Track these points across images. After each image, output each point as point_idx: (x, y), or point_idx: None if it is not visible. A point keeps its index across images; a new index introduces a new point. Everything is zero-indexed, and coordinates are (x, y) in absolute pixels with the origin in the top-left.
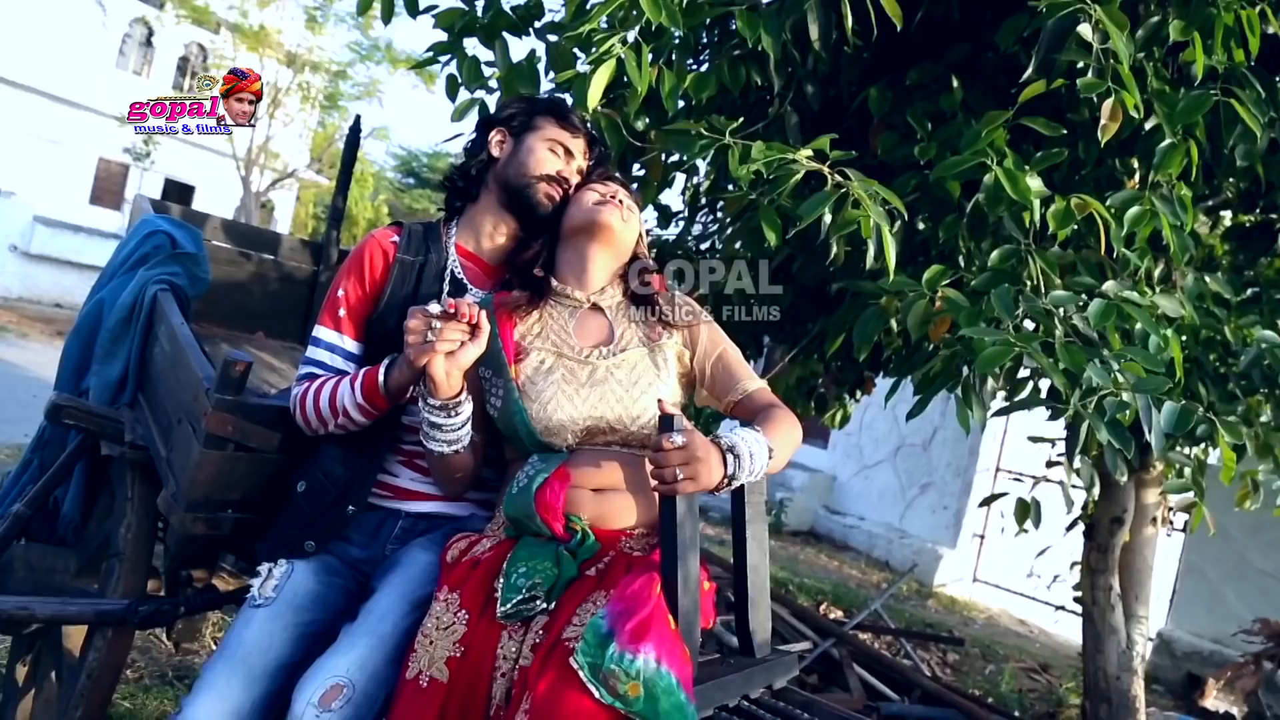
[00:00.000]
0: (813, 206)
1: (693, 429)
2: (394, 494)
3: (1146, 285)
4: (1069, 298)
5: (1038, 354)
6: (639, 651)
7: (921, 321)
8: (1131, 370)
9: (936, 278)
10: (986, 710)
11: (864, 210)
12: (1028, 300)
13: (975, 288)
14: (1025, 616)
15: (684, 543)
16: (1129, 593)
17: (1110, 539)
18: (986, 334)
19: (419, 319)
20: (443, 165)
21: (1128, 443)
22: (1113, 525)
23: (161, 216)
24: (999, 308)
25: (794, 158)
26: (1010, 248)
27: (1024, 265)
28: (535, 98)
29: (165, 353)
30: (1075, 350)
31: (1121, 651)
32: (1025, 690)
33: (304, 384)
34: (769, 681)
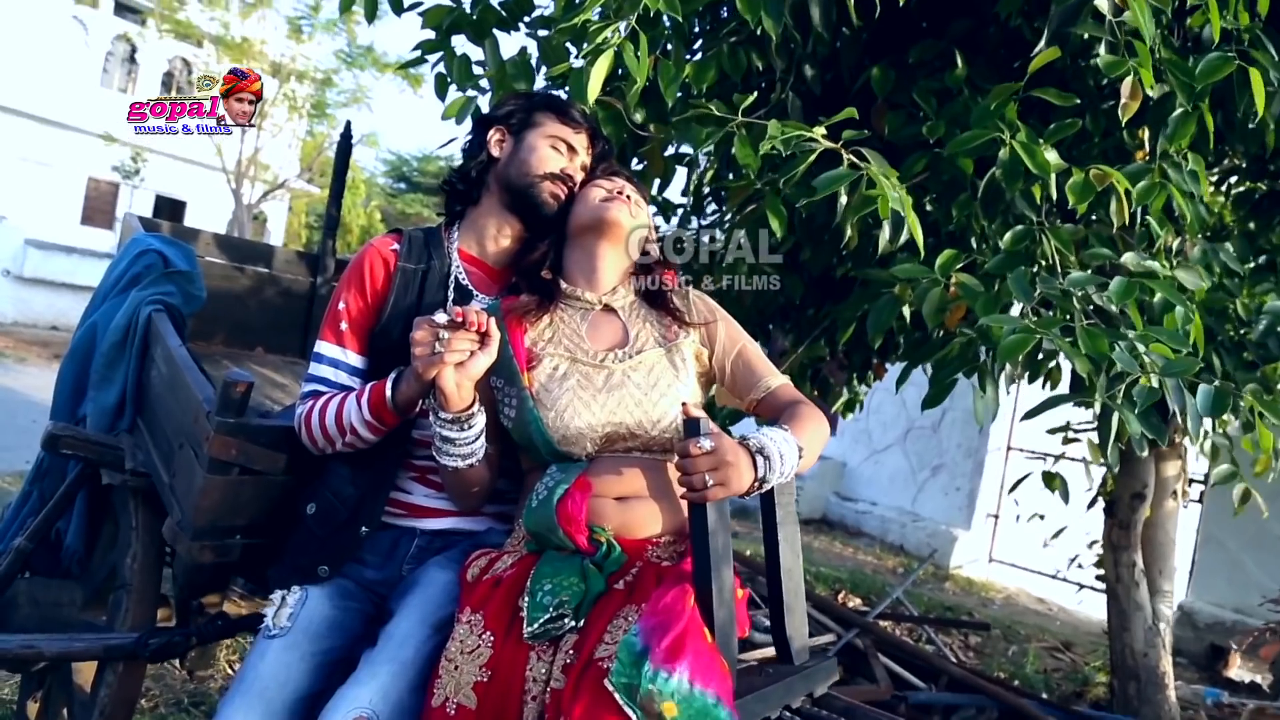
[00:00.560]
0: (829, 182)
1: (720, 432)
2: (408, 511)
3: (1165, 258)
4: (1087, 278)
5: (1059, 340)
6: (675, 670)
7: (937, 310)
8: (1158, 351)
9: (949, 263)
10: (1015, 694)
11: (880, 190)
12: (1044, 282)
13: (989, 270)
14: (1044, 594)
15: (717, 552)
16: (1152, 568)
17: (1132, 515)
18: (1005, 321)
19: (425, 330)
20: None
21: (1161, 432)
22: (1134, 501)
23: (152, 235)
24: (1016, 292)
25: (812, 135)
26: (1023, 228)
27: (1037, 244)
28: (533, 93)
29: (163, 375)
30: (1097, 334)
31: (1148, 628)
32: (1050, 670)
33: (308, 402)
34: (810, 689)
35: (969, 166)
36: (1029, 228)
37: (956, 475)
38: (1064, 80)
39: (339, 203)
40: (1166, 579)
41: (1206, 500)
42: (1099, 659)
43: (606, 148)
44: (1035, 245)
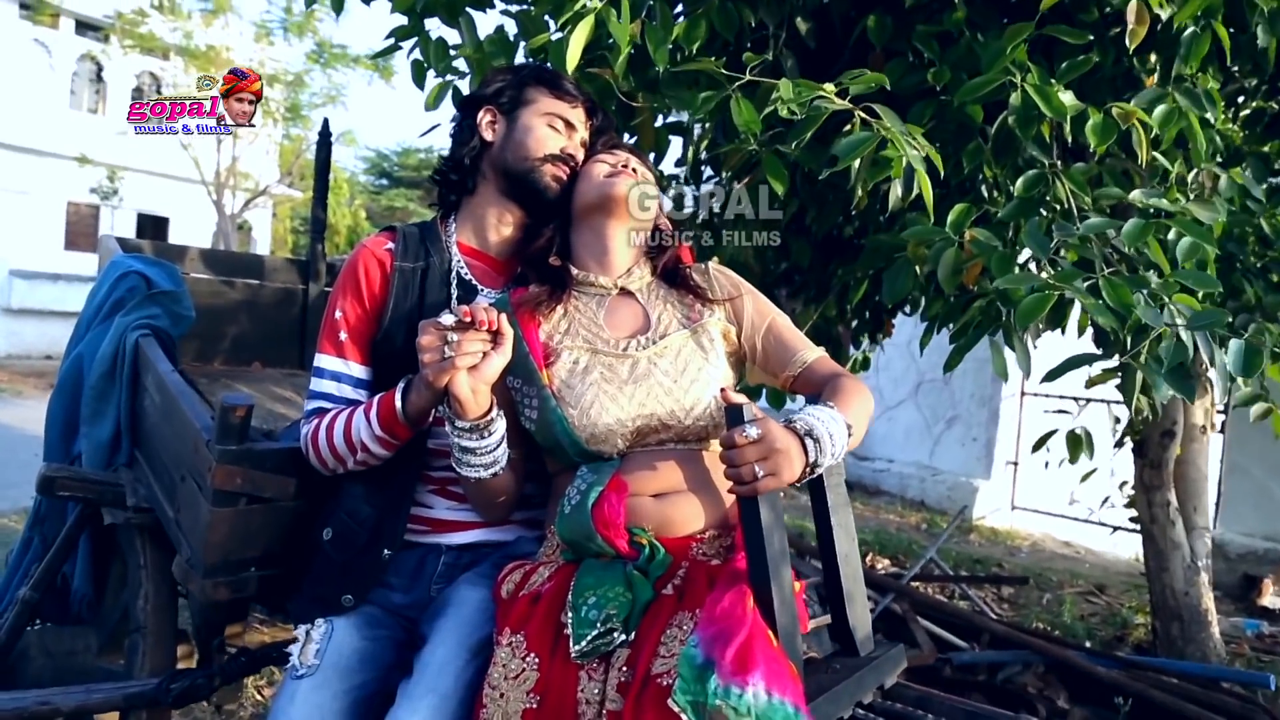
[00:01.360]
0: (850, 149)
1: (765, 417)
2: (431, 527)
3: (1178, 191)
4: (1104, 222)
5: (1081, 294)
6: (747, 683)
7: (953, 272)
8: (1184, 302)
9: (961, 218)
10: (1059, 646)
11: (895, 148)
12: (1061, 228)
13: (1003, 219)
14: (1069, 537)
15: (773, 548)
16: (1186, 505)
17: (1163, 454)
18: (1022, 280)
19: (432, 334)
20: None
21: (1191, 391)
22: (1164, 439)
23: (132, 256)
24: (1033, 245)
25: (826, 94)
26: (1035, 172)
27: (1051, 187)
28: (521, 66)
29: (156, 404)
30: (1120, 285)
31: (1187, 566)
32: (1087, 615)
33: (313, 420)
34: (880, 681)
35: (979, 114)
36: (1041, 171)
37: (972, 425)
38: (1069, 14)
39: (324, 204)
40: (1201, 515)
41: (1229, 428)
42: (1135, 600)
43: (605, 120)
44: (1049, 189)
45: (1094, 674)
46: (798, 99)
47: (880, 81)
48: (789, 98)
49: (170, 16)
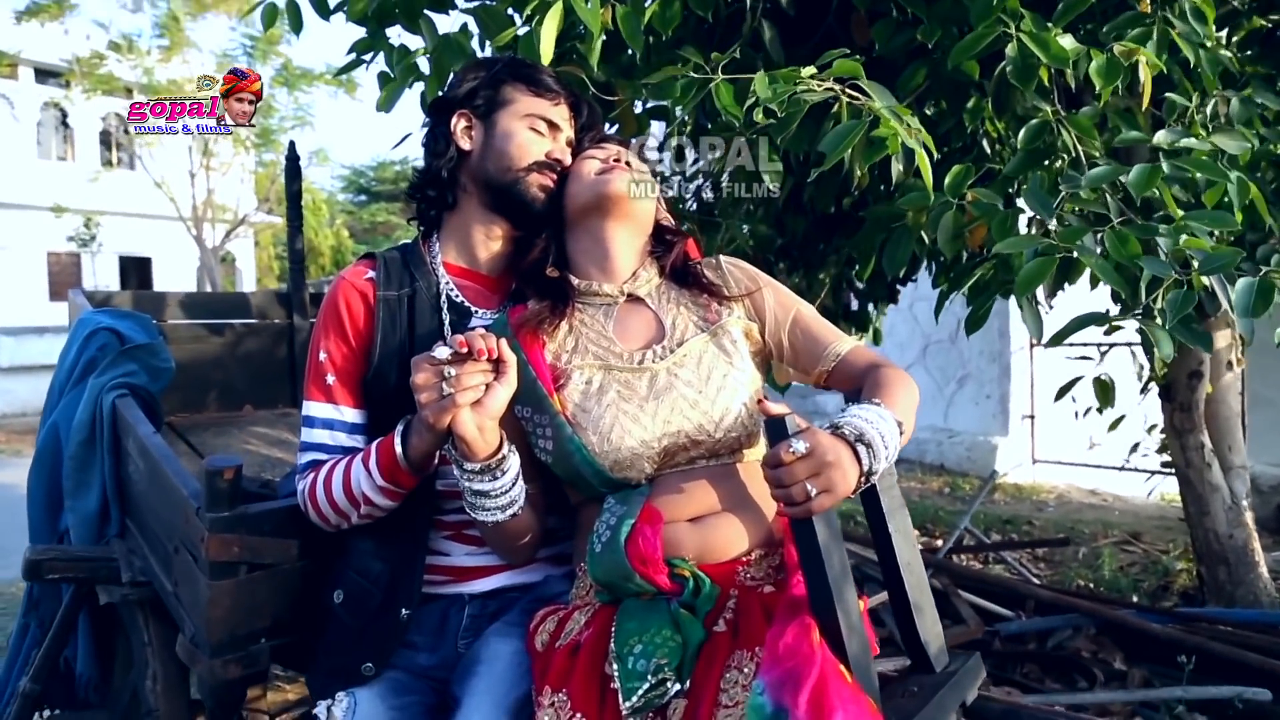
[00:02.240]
0: (836, 141)
1: (811, 427)
2: (450, 576)
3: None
4: (1110, 171)
5: (1086, 255)
6: None
7: (954, 236)
8: (1195, 246)
9: (959, 180)
10: (1108, 605)
11: (888, 127)
12: (1068, 180)
13: (1009, 174)
14: (1094, 486)
15: (834, 571)
16: (1220, 445)
17: (1192, 395)
18: (1023, 244)
19: (426, 370)
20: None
21: (1204, 339)
22: (1191, 381)
23: (101, 311)
24: (1034, 205)
25: (804, 85)
26: (1039, 122)
27: (1056, 136)
28: (494, 60)
29: (141, 470)
30: (1127, 236)
31: (1228, 508)
32: (1127, 567)
33: (308, 475)
34: (961, 699)
35: (974, 69)
36: (1045, 120)
37: (984, 382)
38: None
39: (299, 229)
40: (1237, 454)
41: (1249, 359)
42: (1173, 545)
43: (591, 114)
44: (1055, 138)
45: (1149, 631)
46: (775, 96)
47: (855, 72)
48: (766, 96)
49: (128, 56)
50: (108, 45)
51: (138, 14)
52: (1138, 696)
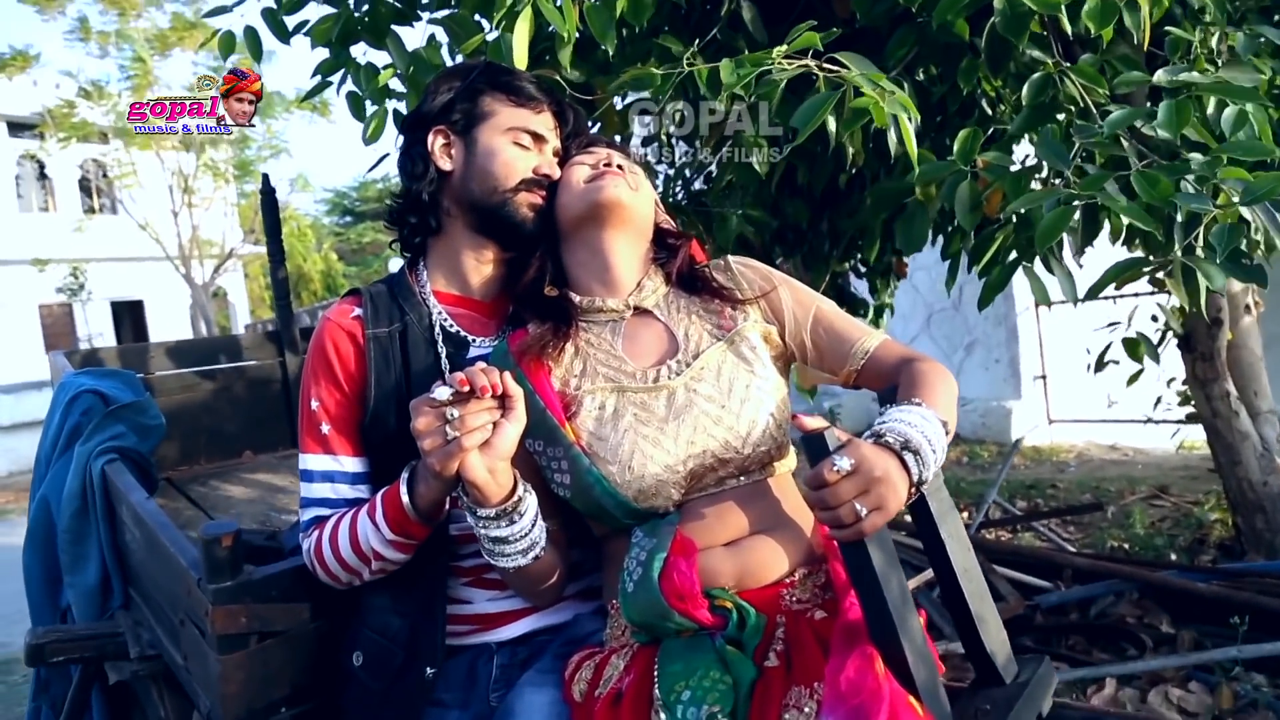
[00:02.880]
0: (808, 114)
1: (853, 439)
2: (474, 625)
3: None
4: (1132, 114)
5: (1111, 198)
6: None
7: (972, 206)
8: (1234, 176)
9: (969, 145)
10: (1148, 568)
11: (869, 98)
12: (1082, 130)
13: (1015, 134)
14: (1113, 441)
15: (894, 595)
16: (1246, 391)
17: (1213, 344)
18: (1040, 197)
19: (427, 414)
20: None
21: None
22: (1212, 329)
23: (83, 372)
24: (1048, 157)
25: (771, 65)
26: (1041, 75)
27: (1059, 88)
28: (468, 68)
29: (138, 539)
30: (1157, 177)
31: (1260, 455)
32: (1158, 523)
33: (313, 533)
34: (1037, 711)
35: (964, 29)
36: (1047, 73)
37: (992, 347)
38: None
39: (282, 262)
40: (1263, 398)
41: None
42: (1204, 496)
43: (577, 120)
44: (1059, 90)
45: (1194, 592)
46: (742, 79)
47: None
48: (731, 81)
49: (99, 101)
50: (77, 93)
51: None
52: (1191, 660)
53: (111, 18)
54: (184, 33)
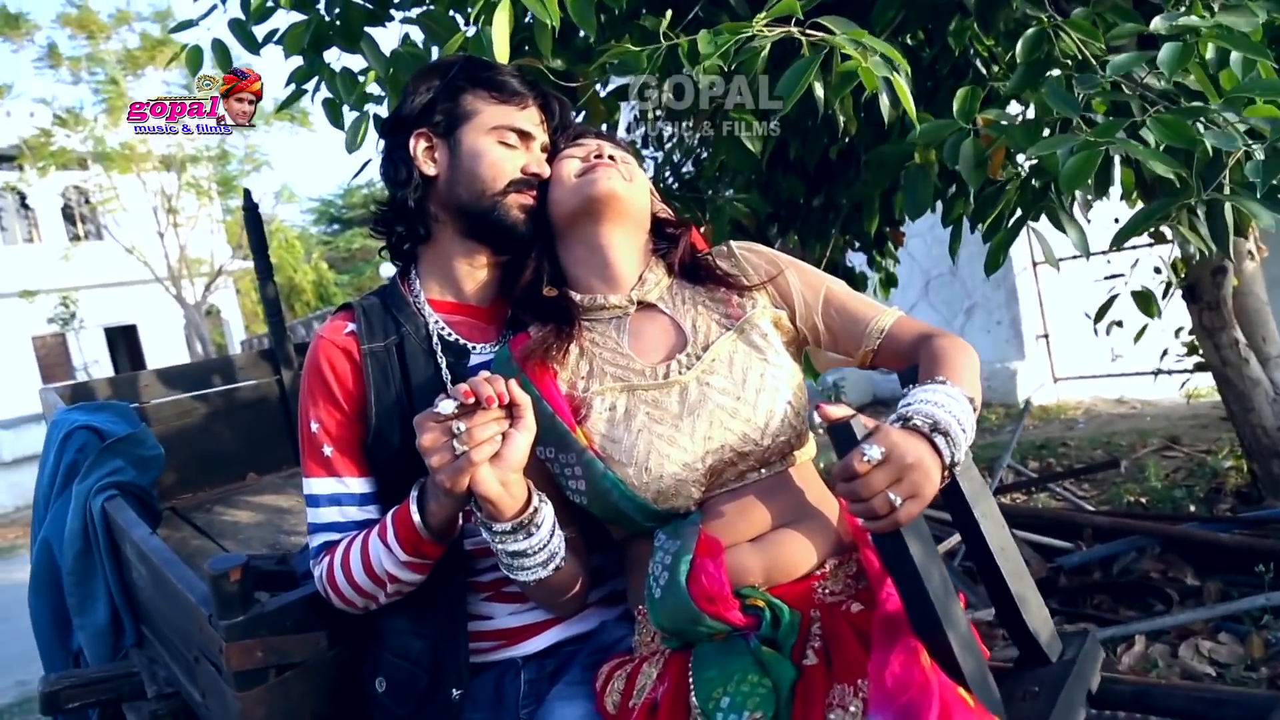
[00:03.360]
0: (793, 81)
1: (881, 426)
2: (498, 641)
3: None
4: (1133, 58)
5: (1130, 145)
6: None
7: (977, 164)
8: (1263, 114)
9: (968, 104)
10: (1167, 522)
11: (855, 60)
12: (1083, 81)
13: (1011, 93)
14: (1119, 394)
15: (935, 585)
16: (1254, 337)
17: (1218, 293)
18: (1058, 144)
19: (433, 430)
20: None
21: None
22: (1216, 278)
23: (75, 408)
24: (1059, 105)
25: (751, 33)
26: (1035, 30)
27: (1054, 42)
28: (446, 64)
29: (144, 575)
30: (1174, 121)
31: (1273, 400)
32: (1173, 474)
33: (323, 559)
34: (1087, 688)
35: None
36: (1041, 28)
37: (992, 309)
38: None
39: (270, 278)
40: (1272, 344)
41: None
42: (1217, 444)
43: (563, 112)
44: (1053, 45)
45: (1217, 543)
46: (720, 48)
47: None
48: (709, 51)
49: (75, 127)
50: (53, 121)
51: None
52: (1219, 611)
53: (81, 42)
54: (154, 51)
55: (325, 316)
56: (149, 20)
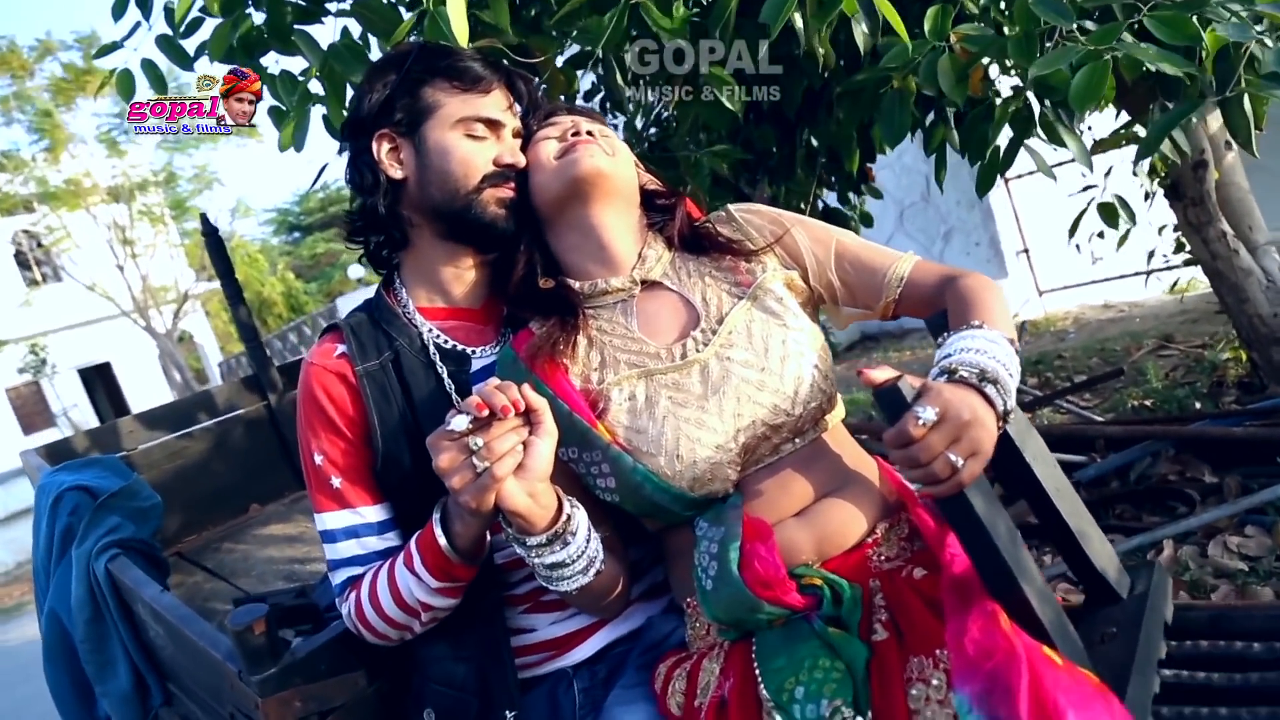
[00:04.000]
0: (775, 8)
1: (928, 383)
2: (545, 653)
3: None
4: None
5: (1139, 50)
6: None
7: (958, 80)
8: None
9: (939, 22)
10: (1177, 424)
11: None
12: None
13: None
14: (1105, 299)
15: (1004, 540)
16: (1240, 227)
17: (1201, 187)
18: (1061, 58)
19: (448, 449)
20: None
21: None
22: (1198, 173)
23: (60, 469)
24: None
25: None
26: None
27: None
28: (401, 55)
29: (162, 635)
30: (1176, 17)
31: (1266, 288)
32: (1172, 373)
33: (349, 596)
34: (1163, 619)
35: None
36: None
37: (969, 231)
38: None
39: (241, 301)
40: (1259, 231)
41: None
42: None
43: (531, 93)
44: None
45: (1230, 438)
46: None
47: None
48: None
49: (15, 170)
50: None
51: None
52: (1242, 505)
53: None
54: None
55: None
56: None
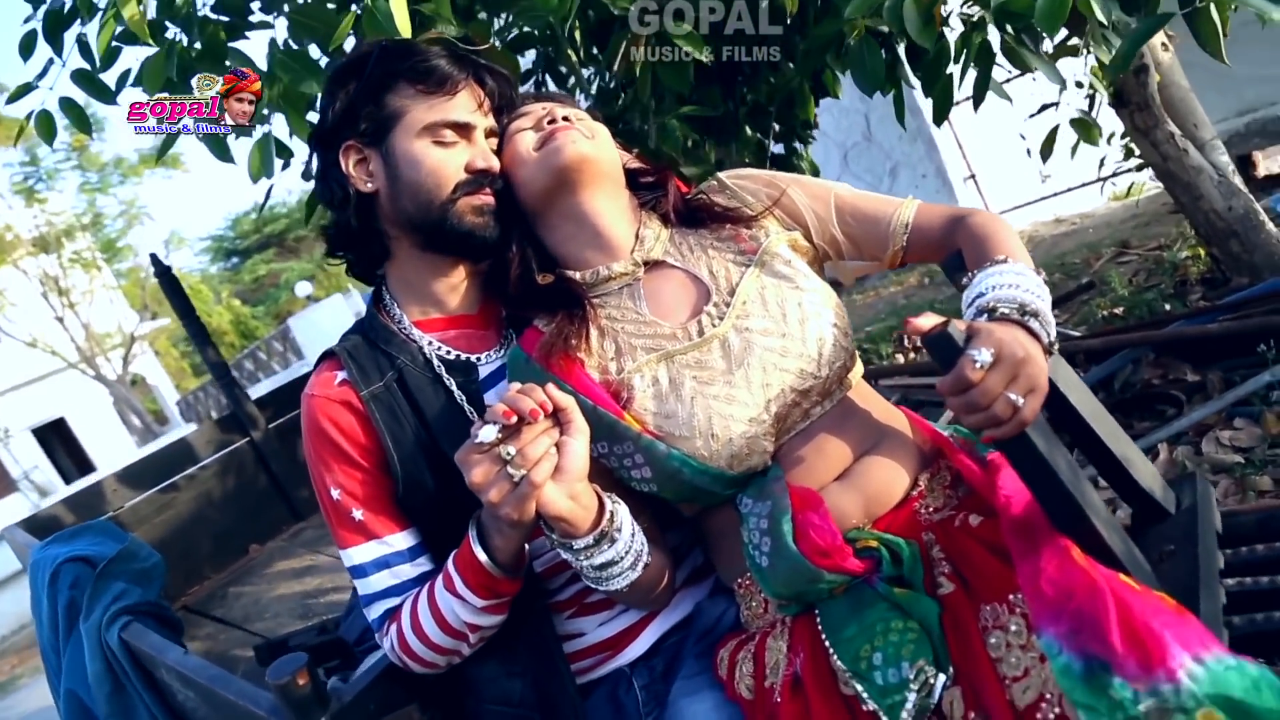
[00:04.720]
0: None
1: (976, 325)
2: (597, 655)
3: None
4: None
5: None
6: (1176, 672)
7: (925, 21)
8: None
9: None
10: (1153, 328)
11: None
12: None
13: None
14: (1056, 214)
15: (1067, 474)
16: (1185, 126)
17: (1145, 91)
18: None
19: (480, 463)
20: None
21: None
22: (1140, 76)
23: (51, 542)
24: None
25: None
26: None
27: None
28: (360, 60)
29: (193, 698)
30: None
31: (1218, 182)
32: (1135, 279)
33: (389, 628)
34: (1215, 530)
35: None
36: None
37: (915, 163)
38: None
39: (207, 339)
40: (1204, 128)
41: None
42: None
43: (503, 87)
44: None
45: (1207, 334)
46: None
47: None
48: None
49: None
50: None
51: None
52: (1228, 399)
53: None
54: None
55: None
56: None
